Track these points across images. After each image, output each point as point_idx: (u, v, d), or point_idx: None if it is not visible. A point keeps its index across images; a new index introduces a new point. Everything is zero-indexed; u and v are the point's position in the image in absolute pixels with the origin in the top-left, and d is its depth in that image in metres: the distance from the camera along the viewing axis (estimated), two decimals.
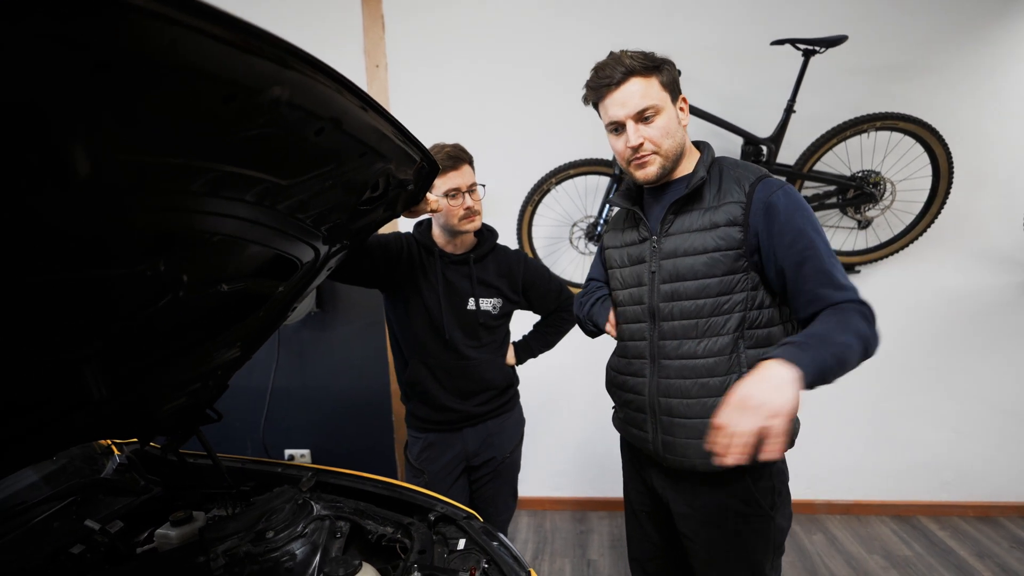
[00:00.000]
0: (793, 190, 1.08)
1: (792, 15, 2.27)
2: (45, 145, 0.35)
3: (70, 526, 0.99)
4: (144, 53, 0.34)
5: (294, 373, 2.76)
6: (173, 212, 0.57)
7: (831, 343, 0.95)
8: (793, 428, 1.16)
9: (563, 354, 1.86)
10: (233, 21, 0.38)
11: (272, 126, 0.53)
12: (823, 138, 2.23)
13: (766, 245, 1.06)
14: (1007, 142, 2.30)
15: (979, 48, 2.24)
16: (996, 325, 2.44)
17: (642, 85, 1.07)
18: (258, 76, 0.44)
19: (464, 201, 1.39)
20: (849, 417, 2.58)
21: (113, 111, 0.36)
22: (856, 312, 0.99)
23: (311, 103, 0.54)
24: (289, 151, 0.60)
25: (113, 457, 1.27)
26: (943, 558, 2.24)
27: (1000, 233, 2.37)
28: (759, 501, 1.14)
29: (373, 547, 1.07)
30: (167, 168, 0.47)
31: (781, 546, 1.20)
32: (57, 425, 0.78)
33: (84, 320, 0.69)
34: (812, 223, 1.05)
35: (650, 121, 1.09)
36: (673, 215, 1.15)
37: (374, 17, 2.52)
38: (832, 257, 1.04)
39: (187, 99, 0.41)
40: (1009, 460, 2.53)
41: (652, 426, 1.21)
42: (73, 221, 0.47)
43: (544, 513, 2.77)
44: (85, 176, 0.40)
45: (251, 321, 1.06)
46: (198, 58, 0.38)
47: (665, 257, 1.15)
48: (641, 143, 1.09)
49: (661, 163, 1.12)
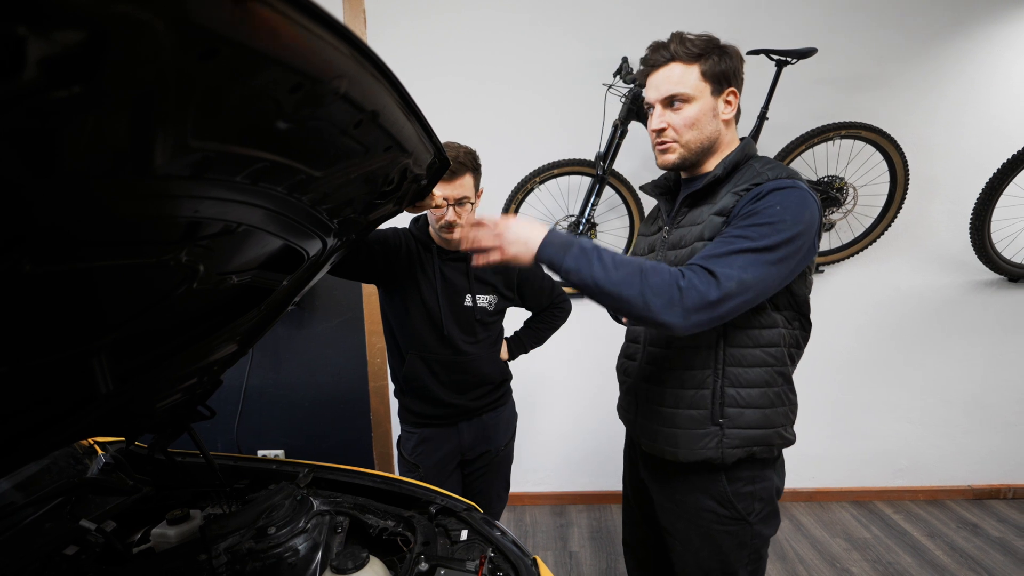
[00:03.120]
0: (802, 192, 0.99)
1: (766, 27, 2.37)
2: (140, 132, 0.35)
3: (63, 527, 0.95)
4: (245, 43, 0.34)
5: (268, 371, 2.69)
6: (212, 201, 0.57)
7: (593, 261, 0.95)
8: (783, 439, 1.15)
9: (543, 352, 1.90)
10: (316, 10, 0.39)
11: (321, 118, 0.54)
12: (793, 144, 2.34)
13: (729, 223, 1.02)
14: (958, 153, 2.47)
15: (936, 65, 2.41)
16: (945, 322, 2.62)
17: (680, 71, 1.05)
18: (326, 66, 0.45)
19: (447, 213, 1.35)
20: (812, 410, 2.71)
21: (203, 97, 0.37)
22: (668, 273, 0.94)
23: (360, 95, 0.54)
24: (328, 143, 0.61)
25: (97, 457, 1.22)
26: (899, 539, 2.40)
27: (950, 237, 2.54)
28: (735, 505, 1.12)
29: (374, 541, 1.08)
30: (226, 157, 0.47)
31: (760, 552, 1.17)
32: (63, 421, 0.76)
33: (102, 310, 0.67)
34: (778, 223, 0.95)
35: (677, 108, 1.07)
36: (687, 208, 1.15)
37: (355, 11, 2.48)
38: (752, 255, 0.94)
39: (262, 88, 0.42)
40: (955, 447, 2.72)
41: (635, 410, 1.24)
42: (126, 209, 0.47)
43: (524, 508, 2.80)
44: (160, 165, 0.40)
45: (252, 315, 1.05)
46: (285, 46, 0.38)
47: (670, 248, 1.15)
48: (664, 128, 1.08)
49: (681, 152, 1.10)
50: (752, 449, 1.10)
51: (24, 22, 0.24)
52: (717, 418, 1.10)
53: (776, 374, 1.10)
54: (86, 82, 0.29)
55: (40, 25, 0.25)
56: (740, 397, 1.09)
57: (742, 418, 1.09)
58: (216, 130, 0.42)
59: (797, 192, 0.98)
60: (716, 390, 1.10)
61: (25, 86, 0.27)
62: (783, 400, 1.12)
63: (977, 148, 2.45)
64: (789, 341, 1.11)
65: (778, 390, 1.10)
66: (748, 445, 1.10)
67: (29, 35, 0.25)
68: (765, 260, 0.94)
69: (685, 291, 0.91)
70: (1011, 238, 2.49)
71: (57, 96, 0.29)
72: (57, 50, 0.27)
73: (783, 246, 0.95)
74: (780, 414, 1.11)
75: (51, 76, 0.27)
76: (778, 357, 1.09)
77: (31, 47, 0.25)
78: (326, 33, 0.41)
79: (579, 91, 2.40)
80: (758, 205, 0.98)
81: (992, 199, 2.34)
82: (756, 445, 1.10)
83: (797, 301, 1.09)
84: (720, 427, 1.10)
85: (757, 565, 1.18)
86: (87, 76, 0.29)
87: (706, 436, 1.11)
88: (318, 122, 0.55)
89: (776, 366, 1.09)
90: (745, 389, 1.09)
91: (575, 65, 2.42)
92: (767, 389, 1.09)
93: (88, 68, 0.28)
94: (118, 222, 0.49)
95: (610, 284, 0.93)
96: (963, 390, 2.68)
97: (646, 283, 0.92)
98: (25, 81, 0.26)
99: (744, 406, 1.09)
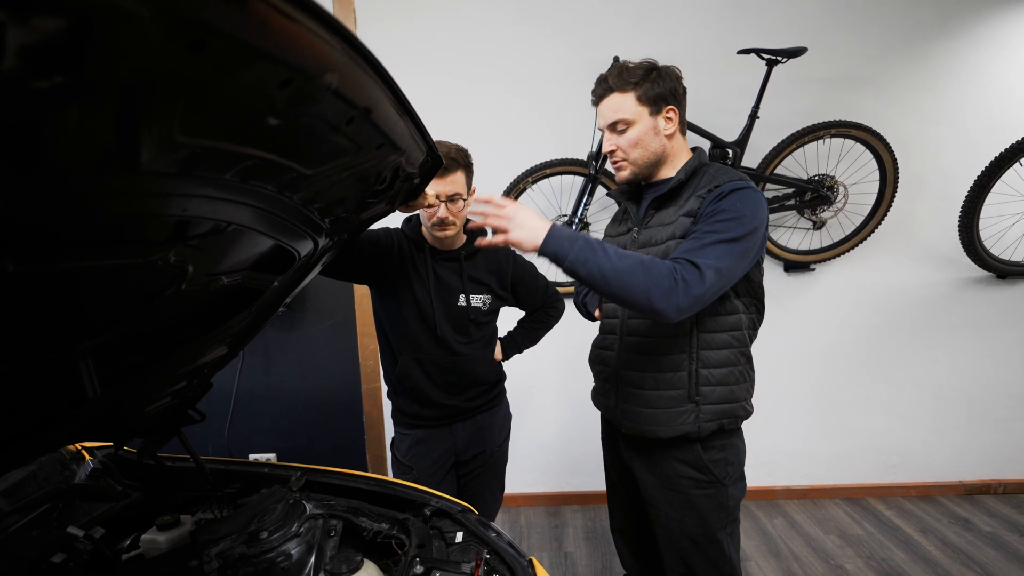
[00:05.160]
0: (755, 192, 1.13)
1: (757, 26, 2.38)
2: (126, 126, 0.34)
3: (50, 534, 0.93)
4: (235, 35, 0.33)
5: (259, 374, 2.67)
6: (201, 200, 0.55)
7: (599, 252, 1.04)
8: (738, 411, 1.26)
9: (536, 352, 1.89)
10: (307, 3, 0.38)
11: (312, 115, 0.53)
12: (783, 143, 2.35)
13: (697, 222, 1.14)
14: (946, 150, 2.49)
15: (925, 64, 2.43)
16: (935, 319, 2.65)
17: (617, 100, 1.18)
18: (317, 61, 0.44)
19: (439, 210, 1.35)
20: (804, 407, 2.73)
21: (192, 92, 0.36)
22: (664, 266, 1.05)
23: (352, 91, 0.54)
24: (319, 140, 0.60)
25: (85, 462, 1.20)
26: (891, 535, 2.41)
27: (939, 234, 2.57)
28: (711, 469, 1.25)
29: (368, 544, 1.07)
30: (214, 154, 0.46)
31: (734, 514, 1.30)
32: (48, 426, 0.74)
33: (89, 312, 0.66)
34: (740, 217, 1.09)
35: (621, 132, 1.21)
36: (654, 210, 1.26)
37: (346, 12, 2.47)
38: (724, 245, 1.07)
39: (251, 83, 0.41)
40: (946, 443, 2.74)
41: (615, 396, 1.34)
42: (112, 207, 0.46)
43: (518, 509, 2.80)
44: (147, 161, 0.39)
45: (242, 317, 1.03)
46: (275, 40, 0.37)
47: (640, 247, 1.25)
48: (614, 150, 1.23)
49: (632, 169, 1.24)
50: (722, 422, 1.23)
51: (3, 8, 0.23)
52: (693, 396, 1.23)
53: (739, 354, 1.24)
54: (69, 72, 0.28)
55: (20, 11, 0.24)
56: (711, 376, 1.22)
57: (713, 395, 1.23)
58: (204, 125, 0.41)
59: (752, 192, 1.12)
60: (692, 372, 1.22)
61: (3, 75, 0.26)
62: (745, 377, 1.27)
63: (965, 146, 2.48)
64: (747, 324, 1.25)
65: (741, 368, 1.25)
66: (719, 418, 1.23)
67: (8, 21, 0.24)
68: (735, 250, 1.08)
69: (679, 283, 1.04)
70: (999, 235, 2.52)
71: (38, 87, 0.28)
72: (38, 38, 0.26)
73: (746, 237, 1.09)
74: (743, 389, 1.26)
75: (32, 65, 0.26)
76: (740, 339, 1.24)
77: (10, 34, 0.24)
78: (317, 26, 0.41)
79: (571, 91, 2.40)
80: (721, 204, 1.11)
81: (980, 196, 2.36)
82: (725, 418, 1.24)
83: (754, 288, 1.24)
84: (696, 404, 1.23)
85: (733, 528, 1.31)
86: (70, 66, 0.28)
87: (684, 413, 1.23)
88: (309, 118, 0.54)
89: (738, 347, 1.24)
90: (715, 369, 1.22)
91: (567, 65, 2.43)
92: (732, 368, 1.23)
93: (71, 58, 0.27)
94: (104, 221, 0.48)
95: (615, 274, 1.03)
96: (953, 386, 2.70)
97: (648, 274, 1.03)
98: (3, 70, 0.25)
99: (715, 384, 1.23)
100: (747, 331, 1.26)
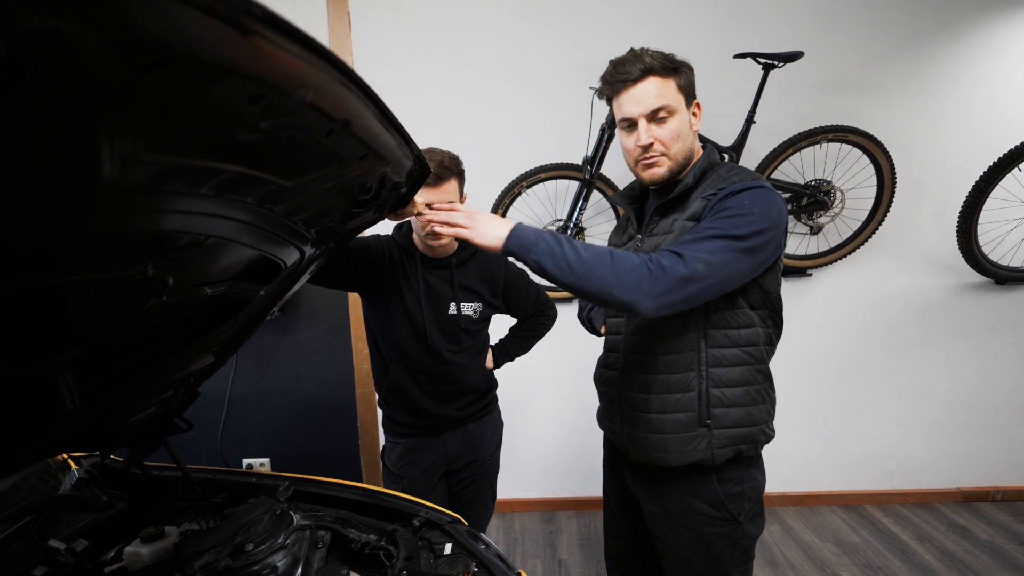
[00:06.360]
0: (768, 191, 1.03)
1: (754, 31, 2.37)
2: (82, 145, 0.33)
3: (31, 547, 0.92)
4: (193, 51, 0.32)
5: (253, 379, 2.66)
6: (177, 214, 0.54)
7: (564, 245, 0.99)
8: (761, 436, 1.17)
9: (529, 358, 1.88)
10: (274, 19, 0.37)
11: (288, 128, 0.52)
12: (780, 148, 2.34)
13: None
14: (943, 155, 2.48)
15: (922, 68, 2.42)
16: (933, 325, 2.64)
17: (659, 85, 1.05)
18: (288, 77, 0.43)
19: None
20: (801, 413, 2.72)
21: (153, 110, 0.35)
22: (636, 256, 0.98)
23: (329, 105, 0.53)
24: (298, 153, 0.59)
25: (71, 472, 1.19)
26: (888, 543, 2.40)
27: (937, 239, 2.55)
28: (726, 506, 1.14)
29: (356, 556, 1.05)
30: (185, 169, 0.45)
31: (749, 551, 1.19)
32: (27, 439, 0.73)
33: (65, 326, 0.64)
34: (746, 215, 0.99)
35: (663, 122, 1.07)
36: (659, 217, 1.16)
37: (340, 14, 2.46)
38: (720, 240, 0.97)
39: (217, 99, 0.40)
40: (944, 450, 2.73)
41: (620, 419, 1.24)
42: (80, 224, 0.45)
43: (513, 515, 2.78)
44: (110, 178, 0.38)
45: (229, 326, 1.02)
46: (238, 56, 0.36)
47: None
48: (651, 143, 1.08)
49: (669, 166, 1.11)
50: (739, 447, 1.12)
51: None
52: (705, 419, 1.11)
53: (756, 372, 1.12)
54: (8, 95, 0.27)
55: None
56: (725, 397, 1.11)
57: (728, 417, 1.11)
58: (171, 143, 0.40)
59: (765, 191, 1.02)
60: (702, 392, 1.11)
61: None
62: (764, 397, 1.14)
63: (964, 151, 2.47)
64: (764, 339, 1.13)
65: (759, 387, 1.13)
66: (735, 444, 1.11)
67: None
68: (734, 247, 0.97)
69: (654, 271, 0.95)
70: (998, 241, 2.51)
71: None
72: None
73: (752, 236, 0.98)
74: (762, 411, 1.14)
75: None
76: (756, 355, 1.12)
77: None
78: (285, 41, 0.39)
79: (566, 94, 2.40)
80: (727, 202, 1.01)
81: (979, 202, 2.35)
82: (743, 443, 1.12)
83: (770, 298, 1.11)
84: (708, 428, 1.11)
85: (747, 565, 1.20)
86: (10, 89, 0.27)
87: (695, 438, 1.12)
88: (286, 132, 0.53)
89: (755, 364, 1.12)
90: (729, 389, 1.11)
91: (562, 68, 2.42)
92: (748, 387, 1.12)
93: (10, 81, 0.26)
94: (73, 237, 0.47)
95: (582, 265, 0.96)
96: (951, 392, 2.69)
97: (617, 263, 0.96)
98: None
99: (729, 405, 1.11)
100: (763, 346, 1.13)
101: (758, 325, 1.11)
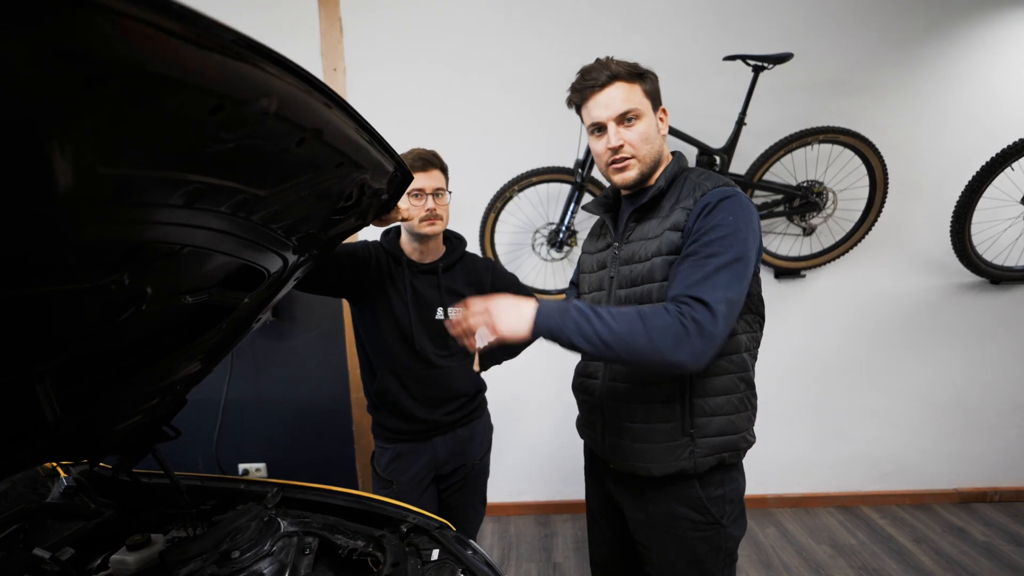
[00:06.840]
0: (744, 199, 1.06)
1: (743, 33, 2.38)
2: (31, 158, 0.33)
3: (16, 556, 0.92)
4: (139, 65, 0.33)
5: (248, 384, 2.66)
6: (147, 225, 0.55)
7: (592, 318, 0.97)
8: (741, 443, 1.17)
9: (521, 360, 1.88)
10: (227, 31, 0.37)
11: (255, 137, 0.52)
12: (771, 149, 2.34)
13: (687, 240, 1.05)
14: (936, 155, 2.48)
15: (913, 68, 2.43)
16: (928, 325, 2.63)
17: (625, 89, 1.09)
18: (247, 87, 0.43)
19: (426, 203, 1.39)
20: (796, 415, 2.71)
21: (103, 124, 0.35)
22: (667, 312, 0.96)
23: (296, 114, 0.53)
24: (269, 162, 0.59)
25: (59, 480, 1.19)
26: (884, 545, 2.39)
27: (930, 240, 2.55)
28: (709, 509, 1.15)
29: (344, 562, 1.05)
30: (148, 181, 0.45)
31: (733, 554, 1.20)
32: (7, 449, 0.73)
33: (42, 336, 0.65)
34: (736, 232, 1.01)
35: (631, 125, 1.10)
36: (635, 223, 1.18)
37: (332, 20, 2.47)
38: (727, 270, 0.99)
39: (175, 110, 0.40)
40: (940, 451, 2.72)
41: (601, 428, 1.24)
42: (45, 236, 0.45)
43: (508, 519, 2.78)
44: (66, 191, 0.38)
45: (213, 333, 1.02)
46: (191, 69, 0.37)
47: (623, 263, 1.17)
48: (621, 145, 1.10)
49: (640, 168, 1.13)
50: (722, 455, 1.13)
51: None
52: (688, 429, 1.11)
53: (738, 380, 1.13)
54: None
55: None
56: (707, 406, 1.11)
57: (710, 426, 1.11)
58: (128, 155, 0.41)
59: (740, 200, 1.04)
60: (685, 401, 1.11)
61: None
62: (746, 405, 1.15)
63: (956, 151, 2.47)
64: (748, 345, 1.14)
65: (741, 395, 1.14)
66: (718, 452, 1.12)
67: None
68: (739, 271, 1.00)
69: (689, 328, 0.94)
70: (991, 240, 2.50)
71: None
72: None
73: (747, 253, 1.01)
74: (744, 418, 1.15)
75: None
76: (739, 363, 1.13)
77: None
78: (240, 50, 0.40)
79: (557, 98, 2.38)
80: (712, 219, 1.02)
81: (972, 202, 2.35)
82: (725, 451, 1.13)
83: (753, 301, 1.13)
84: (691, 437, 1.11)
85: (731, 568, 1.21)
86: None
87: (678, 448, 1.12)
88: (253, 141, 0.53)
89: (737, 372, 1.13)
90: (711, 398, 1.11)
91: (554, 72, 2.41)
92: (731, 396, 1.12)
93: None
94: (41, 247, 0.47)
95: (615, 336, 0.95)
96: (946, 393, 2.68)
97: (649, 327, 0.95)
98: None
99: (712, 414, 1.12)
100: (746, 353, 1.14)
101: (741, 332, 1.12)
